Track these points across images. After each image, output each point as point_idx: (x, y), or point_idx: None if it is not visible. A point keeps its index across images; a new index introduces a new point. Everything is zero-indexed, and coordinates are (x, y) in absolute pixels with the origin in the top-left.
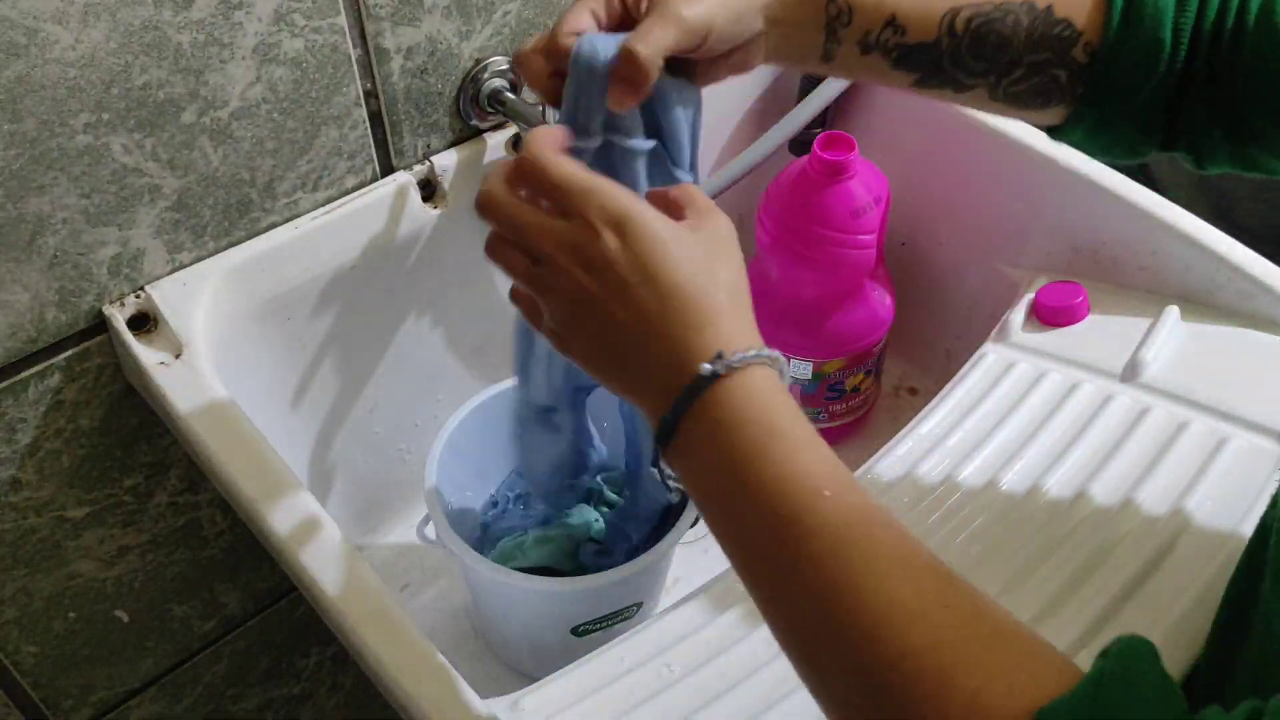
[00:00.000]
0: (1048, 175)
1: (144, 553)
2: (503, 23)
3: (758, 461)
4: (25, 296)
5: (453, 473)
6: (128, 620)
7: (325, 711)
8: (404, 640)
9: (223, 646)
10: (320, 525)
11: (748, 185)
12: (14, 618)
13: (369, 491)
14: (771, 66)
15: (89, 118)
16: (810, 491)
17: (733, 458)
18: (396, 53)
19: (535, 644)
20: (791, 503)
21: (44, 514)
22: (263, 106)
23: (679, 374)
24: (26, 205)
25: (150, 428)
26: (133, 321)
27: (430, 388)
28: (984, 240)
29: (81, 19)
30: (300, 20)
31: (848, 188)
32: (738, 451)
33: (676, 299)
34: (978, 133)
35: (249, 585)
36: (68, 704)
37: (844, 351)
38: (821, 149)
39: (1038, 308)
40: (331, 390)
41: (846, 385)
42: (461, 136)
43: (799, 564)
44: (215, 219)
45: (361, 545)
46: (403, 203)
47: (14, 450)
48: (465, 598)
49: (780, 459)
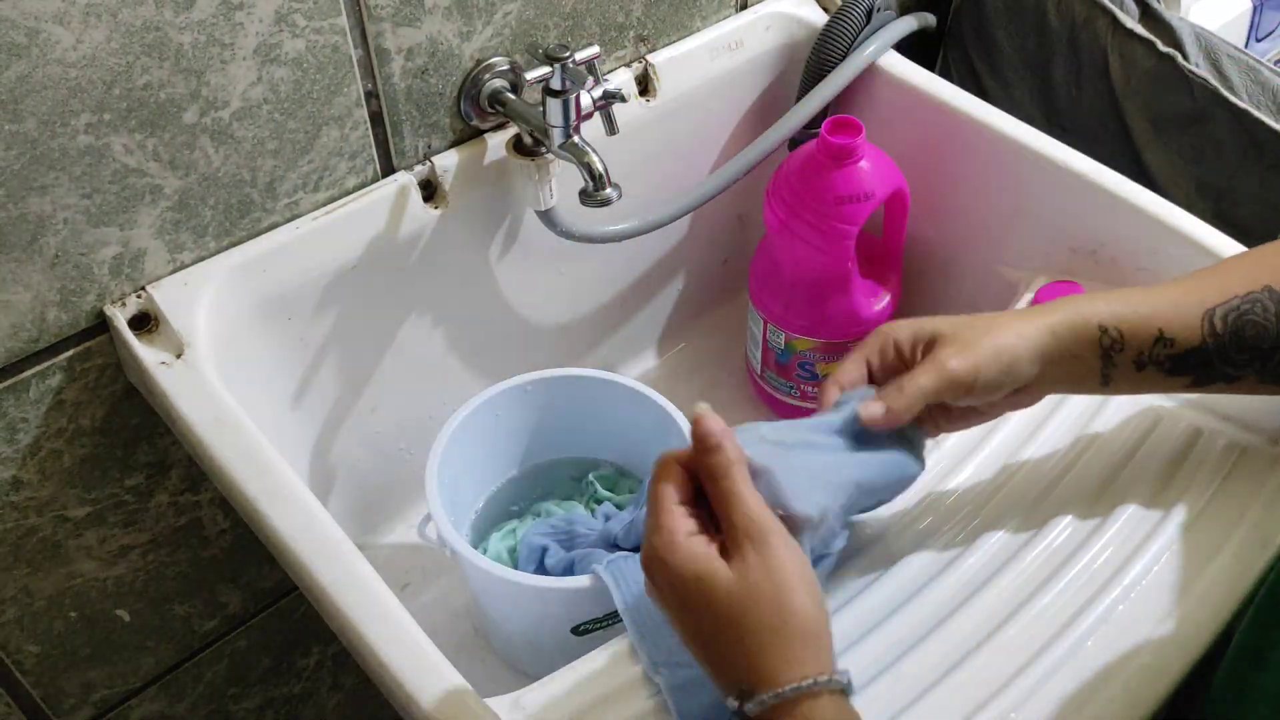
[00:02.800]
0: (1046, 175)
1: (145, 552)
2: (503, 23)
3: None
4: (27, 296)
5: (454, 472)
6: (129, 619)
7: (326, 711)
8: (404, 640)
9: (223, 646)
10: (321, 525)
11: (748, 183)
12: (15, 617)
13: (369, 491)
14: (770, 65)
15: (90, 118)
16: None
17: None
18: (397, 53)
19: (535, 644)
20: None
21: (45, 513)
22: (264, 107)
23: (743, 693)
24: (28, 205)
25: (151, 427)
26: (134, 321)
27: (431, 387)
28: (983, 240)
29: (83, 19)
30: (301, 21)
31: (848, 174)
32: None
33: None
34: (977, 133)
35: (250, 585)
36: (69, 703)
37: (816, 334)
38: (829, 132)
39: None
40: (332, 390)
41: (818, 369)
42: (462, 137)
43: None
44: (216, 219)
45: (362, 545)
46: (403, 203)
47: (15, 450)
48: (465, 598)
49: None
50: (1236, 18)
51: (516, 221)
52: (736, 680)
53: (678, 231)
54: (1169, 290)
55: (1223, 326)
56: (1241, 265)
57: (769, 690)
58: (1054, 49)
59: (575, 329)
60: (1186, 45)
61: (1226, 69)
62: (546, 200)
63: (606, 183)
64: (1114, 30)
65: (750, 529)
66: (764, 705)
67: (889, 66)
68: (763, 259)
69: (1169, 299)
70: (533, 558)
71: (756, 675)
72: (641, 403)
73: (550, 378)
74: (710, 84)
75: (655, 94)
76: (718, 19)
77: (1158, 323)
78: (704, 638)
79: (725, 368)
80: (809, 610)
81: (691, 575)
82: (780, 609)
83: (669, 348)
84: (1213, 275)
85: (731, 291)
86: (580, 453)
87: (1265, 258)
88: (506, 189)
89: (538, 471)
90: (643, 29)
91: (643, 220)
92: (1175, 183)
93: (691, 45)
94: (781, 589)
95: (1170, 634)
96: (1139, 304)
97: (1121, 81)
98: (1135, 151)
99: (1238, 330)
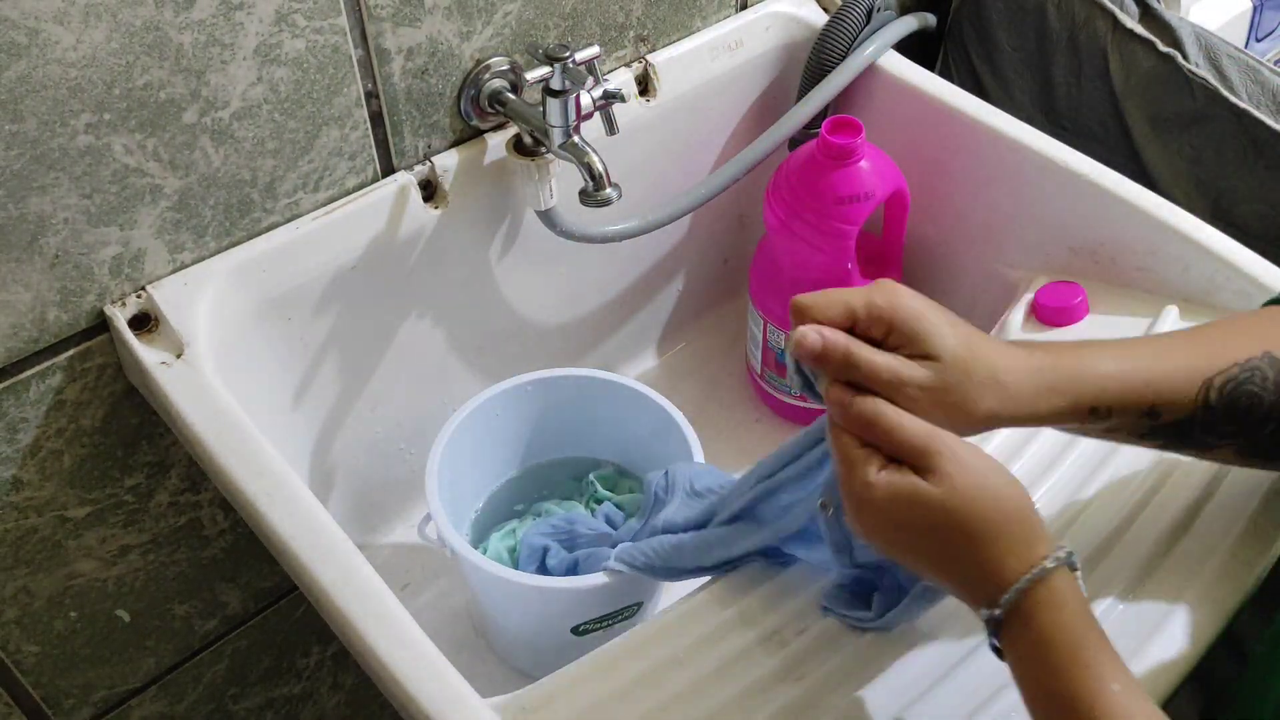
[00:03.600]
0: (1047, 175)
1: (145, 552)
2: (503, 23)
3: (1062, 679)
4: (27, 296)
5: (454, 472)
6: (129, 620)
7: (326, 711)
8: (405, 640)
9: (224, 646)
10: (321, 524)
11: (748, 183)
12: (15, 617)
13: (370, 491)
14: (770, 65)
15: (90, 118)
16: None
17: (1040, 678)
18: (397, 53)
19: (535, 644)
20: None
21: (45, 513)
22: (264, 107)
23: (990, 600)
24: (28, 205)
25: (151, 427)
26: (134, 321)
27: (431, 387)
28: (983, 240)
29: (83, 19)
30: (301, 21)
31: (848, 174)
32: (1045, 671)
33: (976, 538)
34: (977, 133)
35: (250, 584)
36: (69, 703)
37: None
38: (829, 132)
39: (1037, 308)
40: (332, 390)
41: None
42: (462, 137)
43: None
44: (216, 219)
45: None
46: (403, 203)
47: (15, 450)
48: (465, 597)
49: (1077, 678)
50: (1236, 18)
51: (516, 221)
52: (982, 584)
53: (678, 231)
54: (1171, 351)
55: (1217, 397)
56: (1243, 327)
57: (1010, 587)
58: (1054, 49)
59: (575, 329)
60: (1186, 45)
61: (1226, 69)
62: (546, 200)
63: (606, 183)
64: (1114, 30)
65: (926, 443)
66: (1010, 605)
67: (889, 66)
68: (763, 259)
69: (1169, 364)
70: (534, 558)
71: (997, 570)
72: (641, 403)
73: (550, 378)
74: (710, 84)
75: (655, 94)
76: (718, 19)
77: (1152, 396)
78: (937, 556)
79: (725, 368)
80: (1013, 491)
81: (905, 502)
82: (994, 500)
83: (669, 348)
84: (1212, 337)
85: (731, 291)
86: (580, 453)
87: (1264, 320)
88: (506, 189)
89: (538, 471)
90: (643, 29)
91: (643, 220)
92: (1175, 183)
93: (691, 45)
94: (984, 482)
95: (1170, 634)
96: (1138, 370)
97: (1121, 81)
98: (1135, 151)
99: (1232, 401)
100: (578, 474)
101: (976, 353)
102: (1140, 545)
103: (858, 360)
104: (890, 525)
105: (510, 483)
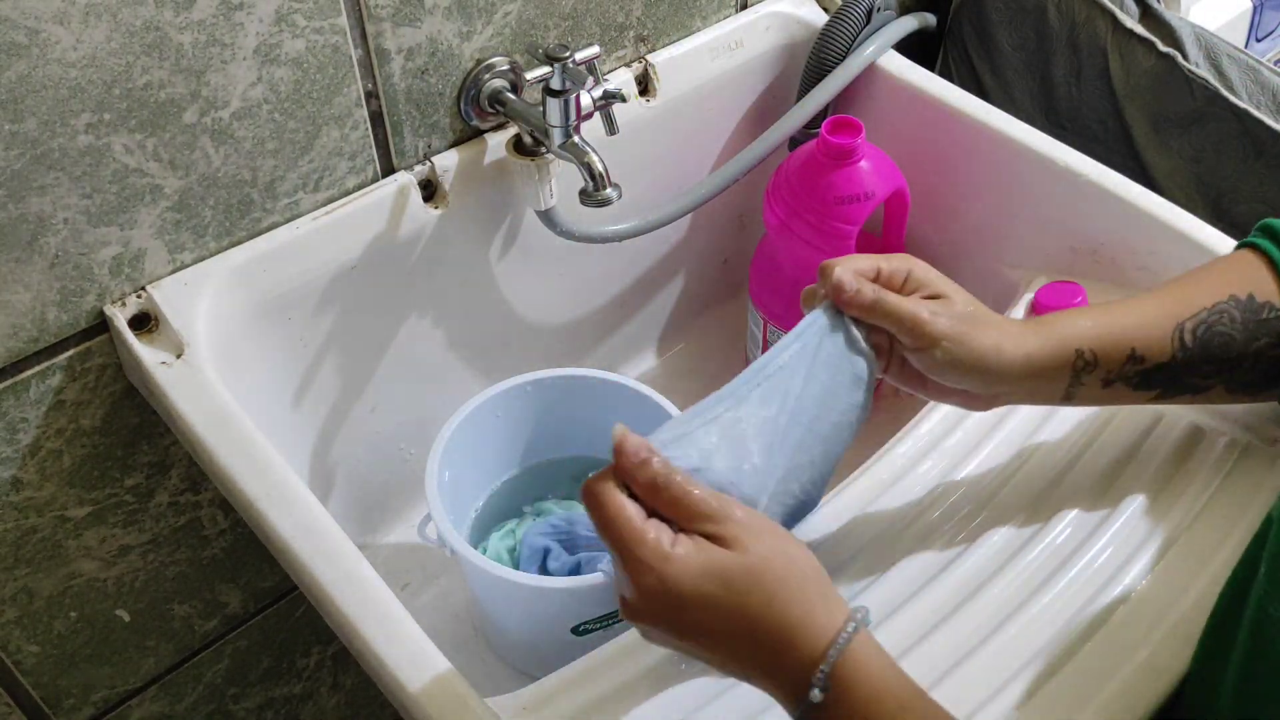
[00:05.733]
0: (1047, 175)
1: (145, 552)
2: (503, 23)
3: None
4: (27, 296)
5: (454, 472)
6: (129, 620)
7: (326, 711)
8: (405, 640)
9: (223, 646)
10: (321, 525)
11: (748, 183)
12: (15, 617)
13: (369, 491)
14: (770, 65)
15: (90, 118)
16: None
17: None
18: (397, 53)
19: (535, 644)
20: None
21: (45, 514)
22: (264, 107)
23: (794, 700)
24: (28, 205)
25: (151, 427)
26: (134, 321)
27: (431, 387)
28: (983, 240)
29: (83, 19)
30: (301, 21)
31: (848, 174)
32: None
33: (764, 637)
34: (977, 133)
35: (250, 584)
36: (69, 703)
37: None
38: (829, 132)
39: (1037, 307)
40: (332, 390)
41: None
42: (462, 137)
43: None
44: (216, 219)
45: (362, 545)
46: (403, 203)
47: (15, 450)
48: (465, 597)
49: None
50: (1236, 18)
51: (516, 221)
52: (791, 655)
53: (678, 231)
54: (1143, 304)
55: (1192, 340)
56: (1209, 275)
57: (823, 660)
58: (1054, 49)
59: (575, 329)
60: (1186, 45)
61: (1226, 69)
62: (546, 200)
63: (606, 183)
64: (1114, 30)
65: (716, 511)
66: (824, 681)
67: (889, 66)
68: (763, 259)
69: (1142, 314)
70: (535, 559)
71: (805, 633)
72: (641, 403)
73: (550, 378)
74: (710, 84)
75: (655, 94)
76: (718, 19)
77: (1130, 341)
78: (740, 629)
79: (725, 368)
80: (805, 554)
81: (701, 574)
82: (790, 563)
83: (669, 348)
84: (1181, 287)
85: (731, 291)
86: (580, 453)
87: (1231, 265)
88: (506, 189)
89: (538, 471)
90: (643, 29)
91: (643, 220)
92: (1175, 183)
93: (691, 45)
94: (779, 545)
95: (1170, 633)
96: (1114, 322)
97: (1121, 81)
98: (1135, 151)
99: (1206, 342)
100: (578, 474)
101: (979, 304)
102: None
103: (885, 295)
104: (690, 603)
105: (510, 483)
